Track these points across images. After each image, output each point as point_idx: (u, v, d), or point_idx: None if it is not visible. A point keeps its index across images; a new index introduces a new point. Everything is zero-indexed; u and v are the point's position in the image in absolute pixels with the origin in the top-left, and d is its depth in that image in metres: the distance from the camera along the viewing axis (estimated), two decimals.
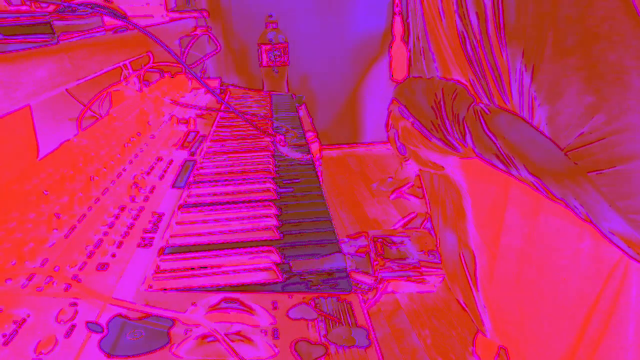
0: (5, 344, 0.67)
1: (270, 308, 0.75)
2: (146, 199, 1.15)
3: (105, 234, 0.98)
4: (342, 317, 0.72)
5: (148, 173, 1.31)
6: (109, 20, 1.31)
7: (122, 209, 1.09)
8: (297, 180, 1.27)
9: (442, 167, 1.91)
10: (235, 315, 0.73)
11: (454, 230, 1.96)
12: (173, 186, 1.24)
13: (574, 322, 1.38)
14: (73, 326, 0.71)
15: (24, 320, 0.72)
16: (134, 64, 1.85)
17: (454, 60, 1.70)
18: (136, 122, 1.63)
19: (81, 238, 0.96)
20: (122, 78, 1.79)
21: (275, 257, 0.90)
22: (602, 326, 1.30)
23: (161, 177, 1.29)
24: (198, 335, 0.68)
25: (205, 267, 0.87)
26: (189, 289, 0.81)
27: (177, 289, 0.82)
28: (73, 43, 1.10)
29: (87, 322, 0.72)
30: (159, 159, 1.42)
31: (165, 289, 0.82)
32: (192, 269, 0.87)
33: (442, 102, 1.72)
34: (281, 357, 0.66)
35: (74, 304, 0.75)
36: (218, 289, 0.81)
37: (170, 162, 1.41)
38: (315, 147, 1.61)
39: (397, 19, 3.64)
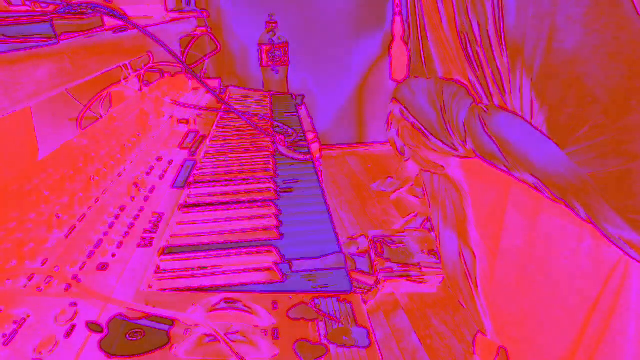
0: (5, 344, 0.67)
1: (270, 308, 0.75)
2: (146, 199, 1.15)
3: (105, 234, 0.98)
4: (342, 317, 0.72)
5: (148, 173, 1.31)
6: (109, 20, 1.31)
7: (122, 209, 1.09)
8: (297, 180, 1.27)
9: (443, 167, 1.91)
10: (235, 315, 0.73)
11: (454, 230, 1.96)
12: (173, 186, 1.24)
13: (574, 322, 1.38)
14: (73, 326, 0.71)
15: (24, 320, 0.72)
16: (133, 64, 1.85)
17: (454, 60, 1.70)
18: (136, 122, 1.63)
19: (81, 238, 0.96)
20: (122, 78, 1.79)
21: (275, 257, 0.90)
22: (602, 326, 1.30)
23: (161, 177, 1.29)
24: (198, 335, 0.68)
25: (205, 267, 0.87)
26: (189, 289, 0.81)
27: (177, 289, 0.82)
28: (73, 43, 1.10)
29: (87, 322, 0.72)
30: (159, 159, 1.42)
31: (165, 289, 0.82)
32: (192, 269, 0.87)
33: (442, 103, 1.72)
34: (281, 357, 0.66)
35: (74, 304, 0.76)
36: (218, 289, 0.81)
37: (170, 162, 1.41)
38: (315, 147, 1.61)
39: (397, 19, 3.64)
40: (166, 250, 0.93)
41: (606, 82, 1.17)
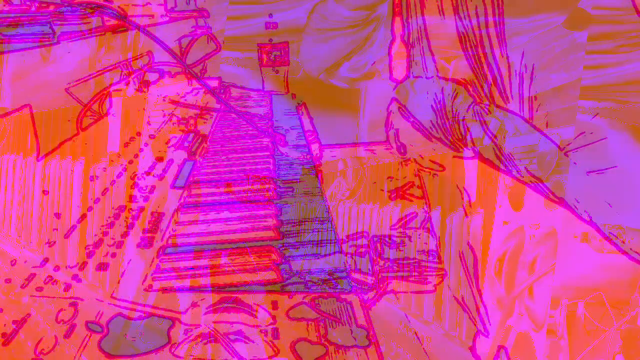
0: (5, 344, 0.67)
1: (270, 308, 0.75)
2: (146, 199, 1.15)
3: (105, 234, 0.98)
4: (342, 317, 0.72)
5: (148, 173, 1.31)
6: (109, 21, 1.31)
7: (122, 209, 1.09)
8: (297, 180, 1.27)
9: (442, 167, 1.91)
10: (235, 315, 0.73)
11: (454, 230, 1.96)
12: (173, 186, 1.24)
13: None
14: (73, 326, 0.71)
15: (24, 320, 0.72)
16: (133, 64, 1.85)
17: (454, 59, 1.70)
18: (136, 122, 1.63)
19: (81, 238, 0.96)
20: (121, 78, 1.79)
21: (276, 257, 0.90)
22: None
23: (161, 177, 1.29)
24: (198, 335, 0.68)
25: (205, 267, 0.87)
26: (189, 289, 0.81)
27: (177, 289, 0.82)
28: (73, 43, 1.10)
29: (87, 322, 0.72)
30: (159, 159, 1.42)
31: (165, 289, 0.82)
32: (192, 269, 0.87)
33: (442, 102, 1.72)
34: (281, 357, 0.66)
35: (74, 304, 0.75)
36: (218, 289, 0.81)
37: (171, 162, 1.41)
38: (315, 147, 1.61)
39: (397, 19, 3.64)
40: (166, 250, 0.93)
41: (606, 82, 1.17)
